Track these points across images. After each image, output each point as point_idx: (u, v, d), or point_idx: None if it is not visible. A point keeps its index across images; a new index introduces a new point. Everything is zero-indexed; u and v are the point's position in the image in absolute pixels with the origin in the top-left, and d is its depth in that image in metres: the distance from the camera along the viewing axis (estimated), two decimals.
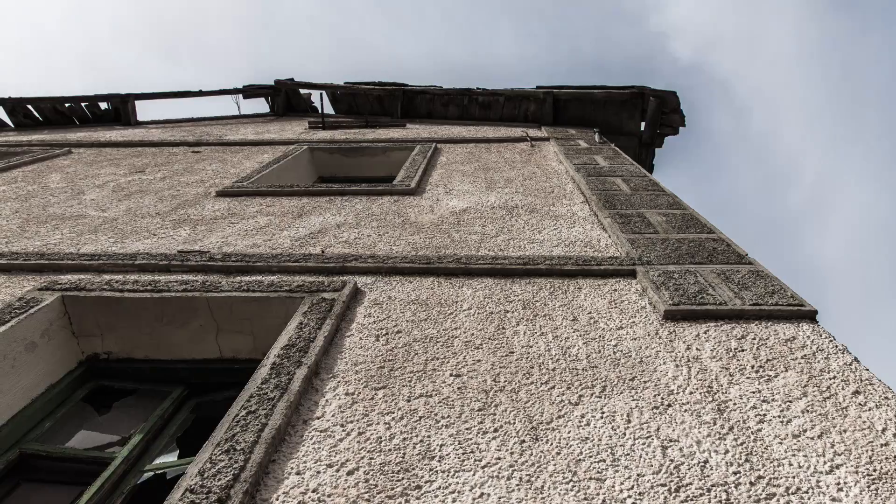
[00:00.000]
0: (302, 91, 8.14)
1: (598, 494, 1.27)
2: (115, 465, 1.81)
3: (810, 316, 2.02)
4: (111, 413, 2.17)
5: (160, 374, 2.28)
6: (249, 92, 8.00)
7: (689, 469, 1.34)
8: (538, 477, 1.32)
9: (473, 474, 1.33)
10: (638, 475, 1.32)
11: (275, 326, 2.21)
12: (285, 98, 8.13)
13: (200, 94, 7.73)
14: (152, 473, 1.85)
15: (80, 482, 1.85)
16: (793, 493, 1.27)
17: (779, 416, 1.51)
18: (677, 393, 1.61)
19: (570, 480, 1.31)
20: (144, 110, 7.58)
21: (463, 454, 1.39)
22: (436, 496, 1.27)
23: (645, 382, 1.66)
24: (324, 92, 7.26)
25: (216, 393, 2.24)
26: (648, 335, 1.93)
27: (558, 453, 1.39)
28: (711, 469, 1.33)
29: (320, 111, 8.20)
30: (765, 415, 1.52)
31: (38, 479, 1.87)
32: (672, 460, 1.36)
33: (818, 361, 1.76)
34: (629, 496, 1.26)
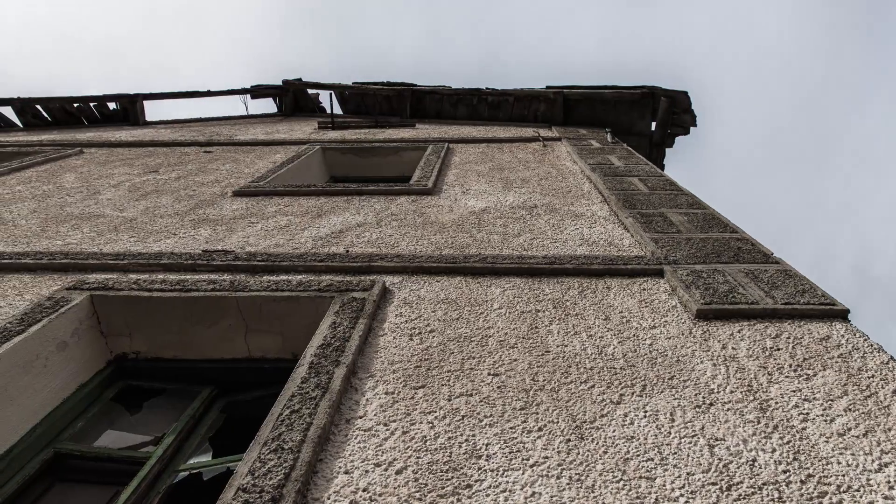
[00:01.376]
0: (310, 91, 8.14)
1: (649, 493, 1.27)
2: (151, 465, 1.81)
3: (842, 315, 2.02)
4: (142, 413, 2.17)
5: (188, 374, 2.27)
6: (257, 92, 8.00)
7: (738, 468, 1.33)
8: (588, 476, 1.32)
9: (522, 473, 1.33)
10: (688, 474, 1.32)
11: (304, 326, 2.21)
12: (293, 98, 8.13)
13: (209, 94, 7.73)
14: (187, 473, 1.84)
15: (114, 482, 1.85)
16: (844, 492, 1.26)
17: (822, 415, 1.51)
18: (718, 392, 1.61)
19: (620, 479, 1.31)
20: (152, 111, 7.57)
21: (510, 453, 1.39)
22: (487, 495, 1.27)
23: (684, 381, 1.66)
24: (332, 92, 7.26)
25: (245, 392, 2.24)
26: (682, 334, 1.93)
27: (605, 452, 1.39)
28: (761, 467, 1.33)
29: (328, 111, 8.20)
30: (808, 413, 1.52)
31: (72, 479, 1.87)
32: (720, 459, 1.36)
33: (855, 360, 1.76)
34: (681, 495, 1.26)
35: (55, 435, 1.93)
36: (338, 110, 7.91)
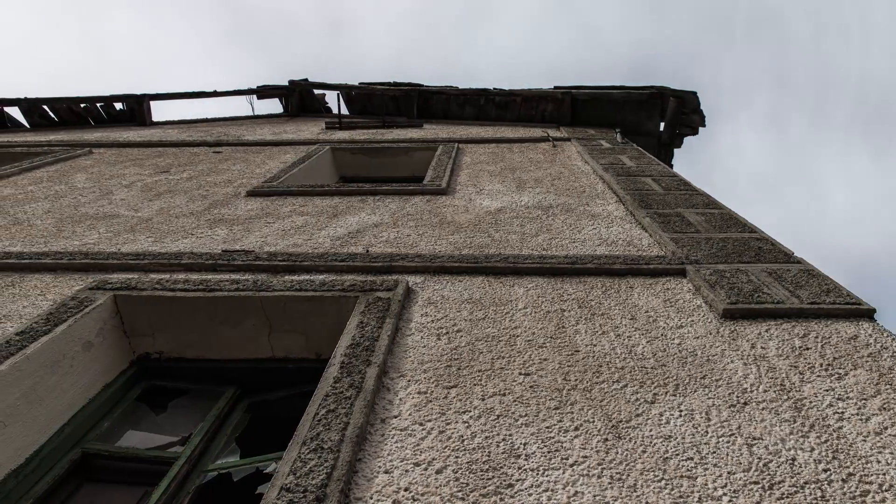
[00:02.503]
0: (316, 91, 8.14)
1: (692, 492, 1.27)
2: (179, 465, 1.81)
3: (868, 315, 2.02)
4: (167, 413, 2.16)
5: (211, 374, 2.27)
6: (264, 92, 8.00)
7: (778, 467, 1.33)
8: (628, 475, 1.32)
9: (563, 472, 1.33)
10: (728, 473, 1.32)
11: (328, 325, 2.21)
12: (299, 98, 8.13)
13: (215, 94, 7.73)
14: (216, 473, 1.84)
15: (142, 482, 1.85)
16: (886, 490, 1.26)
17: (857, 414, 1.51)
18: (751, 391, 1.61)
19: (662, 478, 1.31)
20: (157, 111, 7.57)
21: (548, 452, 1.39)
22: (529, 494, 1.27)
23: (717, 381, 1.66)
24: (339, 92, 7.26)
25: (269, 392, 2.23)
26: (710, 334, 1.93)
27: (644, 451, 1.39)
28: (801, 466, 1.33)
29: (334, 111, 8.21)
30: (843, 412, 1.52)
31: (100, 480, 1.87)
32: (760, 458, 1.36)
33: (885, 359, 1.76)
34: (724, 493, 1.26)
35: (82, 435, 1.93)
36: (344, 111, 7.90)
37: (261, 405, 2.20)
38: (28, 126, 7.34)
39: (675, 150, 6.20)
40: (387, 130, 6.53)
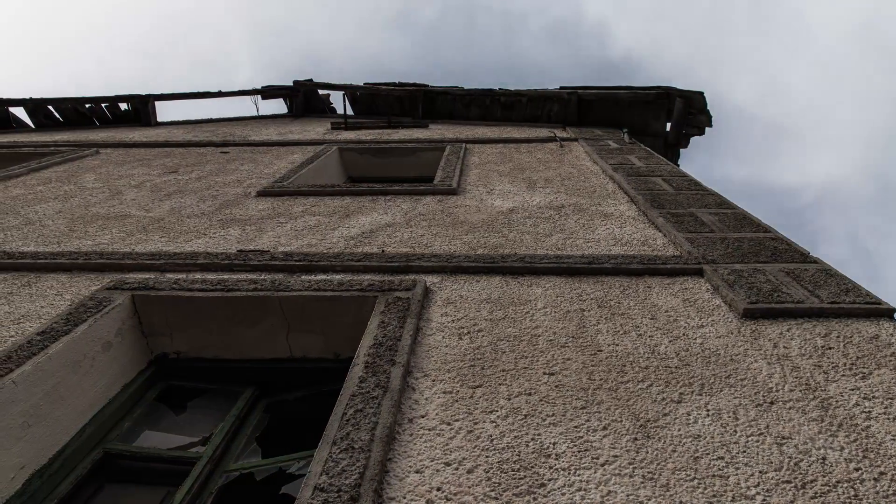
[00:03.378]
0: (320, 92, 8.14)
1: (725, 491, 1.27)
2: (202, 465, 1.80)
3: (888, 314, 2.02)
4: (186, 413, 2.16)
5: (229, 374, 2.27)
6: (268, 93, 7.99)
7: (809, 466, 1.33)
8: (660, 474, 1.32)
9: (595, 472, 1.33)
10: (760, 472, 1.32)
11: (347, 325, 2.21)
12: (303, 99, 8.12)
13: (220, 94, 7.73)
14: (238, 473, 1.84)
15: (164, 482, 1.85)
16: None
17: (884, 413, 1.51)
18: (776, 391, 1.61)
19: (694, 478, 1.31)
20: (162, 111, 7.55)
21: (578, 452, 1.39)
22: (562, 494, 1.27)
23: (742, 380, 1.66)
24: (344, 93, 7.25)
25: (286, 393, 2.23)
26: (731, 333, 1.93)
27: (674, 451, 1.39)
28: (832, 465, 1.33)
29: (338, 112, 8.21)
30: (870, 412, 1.52)
31: (121, 480, 1.86)
32: (790, 457, 1.36)
33: None
34: (757, 493, 1.26)
35: (103, 435, 1.93)
36: (348, 111, 7.90)
37: (279, 405, 2.20)
38: (33, 126, 7.33)
39: (681, 151, 6.21)
40: (392, 131, 6.53)
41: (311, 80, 7.99)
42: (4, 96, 7.05)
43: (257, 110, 8.06)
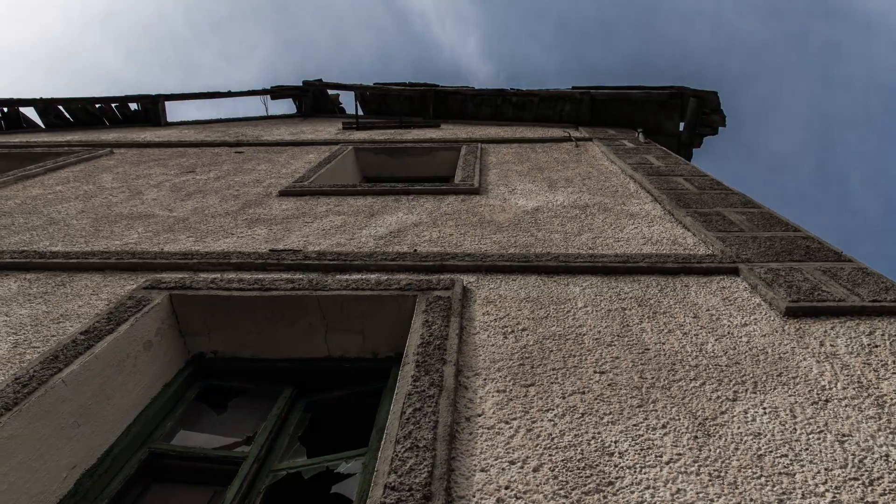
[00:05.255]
0: (329, 92, 8.14)
1: (794, 489, 1.27)
2: (248, 465, 1.80)
3: None
4: (227, 412, 2.16)
5: (267, 373, 2.26)
6: (277, 93, 7.99)
7: (874, 463, 1.33)
8: (726, 472, 1.32)
9: (660, 470, 1.33)
10: (826, 469, 1.32)
11: (386, 325, 2.20)
12: (312, 99, 8.12)
13: (230, 94, 7.72)
14: (285, 473, 1.84)
15: (210, 482, 1.84)
16: None
17: None
18: (829, 388, 1.61)
19: (760, 475, 1.31)
20: (171, 112, 7.55)
21: (641, 450, 1.39)
22: (632, 492, 1.27)
23: (793, 378, 1.66)
24: (356, 93, 7.25)
25: (325, 392, 2.23)
26: (775, 332, 1.93)
27: (736, 448, 1.39)
28: None
29: (348, 112, 8.21)
30: None
31: (168, 480, 1.86)
32: (853, 455, 1.36)
33: None
34: (826, 490, 1.26)
35: (148, 434, 1.92)
36: (358, 111, 7.90)
37: (319, 404, 2.20)
38: (43, 126, 7.32)
39: (694, 150, 6.21)
40: (405, 130, 6.53)
41: (320, 80, 7.99)
42: (15, 96, 7.04)
43: (266, 110, 8.07)
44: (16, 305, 2.23)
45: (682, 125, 6.07)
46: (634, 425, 1.48)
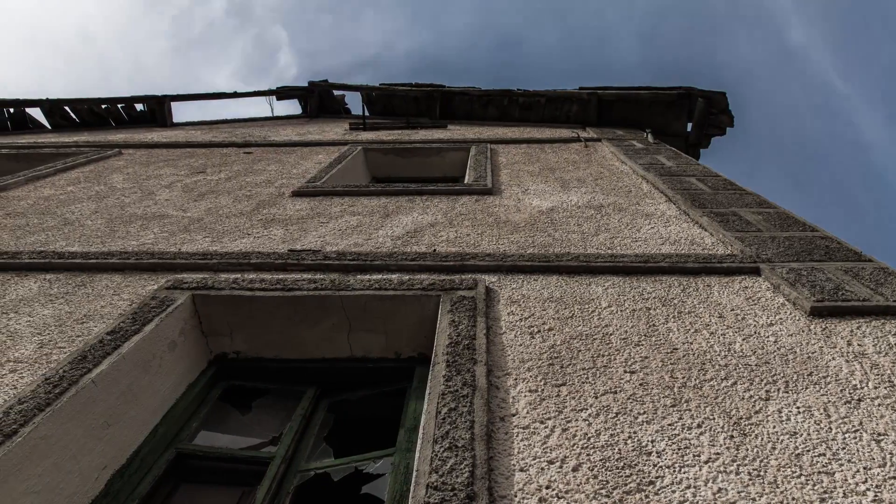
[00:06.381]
0: (335, 92, 8.14)
1: (835, 487, 1.27)
2: (276, 465, 1.80)
3: None
4: (252, 413, 2.16)
5: (289, 374, 2.26)
6: (283, 93, 7.99)
7: None
8: (766, 471, 1.32)
9: (699, 469, 1.33)
10: (864, 468, 1.32)
11: (409, 325, 2.20)
12: (318, 99, 8.12)
13: (235, 95, 7.72)
14: (314, 473, 1.83)
15: (238, 482, 1.84)
16: None
17: None
18: (861, 388, 1.62)
19: (800, 475, 1.31)
20: (176, 112, 7.55)
21: (678, 450, 1.39)
22: (673, 491, 1.27)
23: (824, 378, 1.67)
24: (362, 93, 7.25)
25: (348, 392, 2.23)
26: (801, 332, 1.93)
27: (773, 448, 1.39)
28: None
29: (354, 112, 8.21)
30: None
31: (194, 480, 1.86)
32: (891, 453, 1.36)
33: None
34: (868, 488, 1.26)
35: (174, 434, 1.92)
36: (362, 111, 7.90)
37: (342, 405, 2.19)
38: (49, 127, 7.31)
39: (701, 150, 6.22)
40: (412, 131, 6.53)
41: (326, 80, 7.99)
42: (21, 97, 7.03)
43: (272, 111, 8.06)
44: (38, 306, 2.22)
45: (689, 125, 6.08)
46: (670, 425, 1.48)
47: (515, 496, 1.26)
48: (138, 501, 1.67)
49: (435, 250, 2.67)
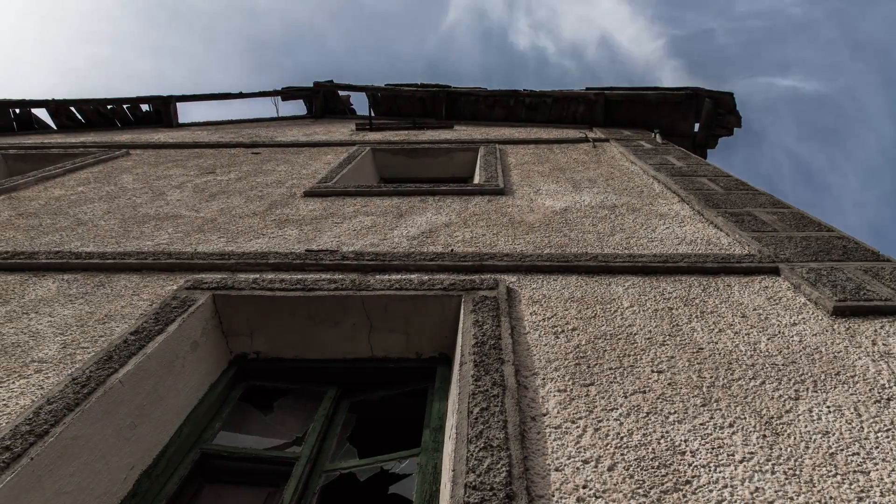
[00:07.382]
0: (340, 93, 8.14)
1: (871, 486, 1.27)
2: (302, 465, 1.80)
3: None
4: (274, 413, 2.15)
5: (310, 374, 2.26)
6: (288, 94, 7.99)
7: None
8: (801, 470, 1.32)
9: (735, 469, 1.33)
10: None
11: (431, 325, 2.20)
12: (323, 100, 8.12)
13: (241, 95, 7.72)
14: (339, 473, 1.83)
15: (263, 483, 1.84)
16: None
17: None
18: (890, 387, 1.62)
19: (836, 473, 1.31)
20: (181, 113, 7.53)
21: (712, 449, 1.39)
22: (710, 490, 1.27)
23: (852, 377, 1.67)
24: (367, 94, 7.25)
25: (369, 392, 2.22)
26: (825, 331, 1.93)
27: (807, 447, 1.39)
28: None
29: (360, 113, 8.21)
30: None
31: (219, 480, 1.85)
32: None
33: None
34: None
35: (199, 435, 1.92)
36: (370, 112, 7.90)
37: (364, 405, 2.19)
38: (55, 128, 7.30)
39: (708, 151, 6.22)
40: (419, 131, 6.53)
41: (331, 81, 7.99)
42: (27, 97, 7.02)
43: (277, 112, 8.06)
44: (58, 306, 2.22)
45: (696, 126, 6.08)
46: (702, 424, 1.48)
47: (553, 496, 1.26)
48: (165, 502, 1.67)
49: (452, 250, 2.67)
